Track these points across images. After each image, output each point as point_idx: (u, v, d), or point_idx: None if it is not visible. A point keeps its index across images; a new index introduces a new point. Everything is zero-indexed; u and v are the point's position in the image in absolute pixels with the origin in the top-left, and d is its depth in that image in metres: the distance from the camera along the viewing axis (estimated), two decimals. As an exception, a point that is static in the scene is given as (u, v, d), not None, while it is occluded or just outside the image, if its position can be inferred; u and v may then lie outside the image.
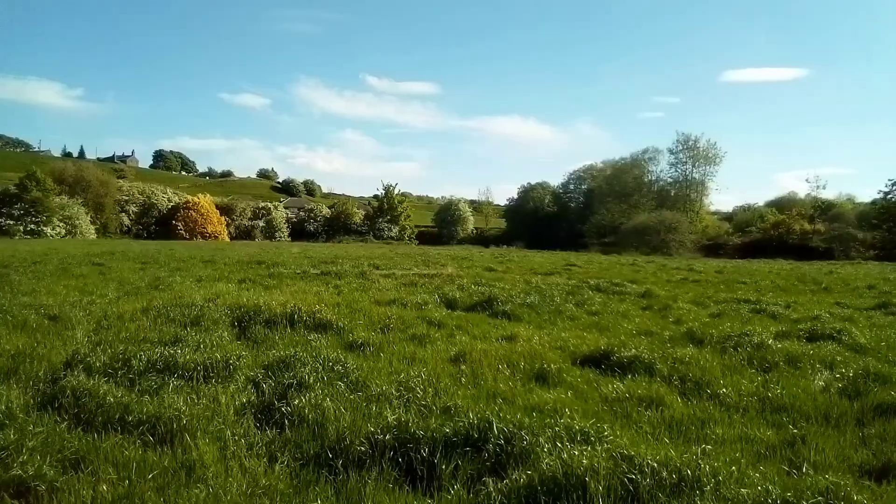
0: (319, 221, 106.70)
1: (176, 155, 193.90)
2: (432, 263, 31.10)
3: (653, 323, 12.30)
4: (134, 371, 6.37)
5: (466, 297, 14.67)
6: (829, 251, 74.62)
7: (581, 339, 9.68)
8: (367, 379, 6.48)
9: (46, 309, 10.99)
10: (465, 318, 12.06)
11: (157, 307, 11.28)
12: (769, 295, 19.27)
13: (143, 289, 15.63)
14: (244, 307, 10.81)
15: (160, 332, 8.97)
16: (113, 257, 28.85)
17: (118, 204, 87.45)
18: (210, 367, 6.59)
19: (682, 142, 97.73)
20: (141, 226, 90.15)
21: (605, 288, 18.87)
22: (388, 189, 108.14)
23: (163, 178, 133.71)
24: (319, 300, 12.48)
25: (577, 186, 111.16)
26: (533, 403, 6.03)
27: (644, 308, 14.76)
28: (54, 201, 72.58)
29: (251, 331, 9.43)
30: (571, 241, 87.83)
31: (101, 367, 6.49)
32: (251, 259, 29.95)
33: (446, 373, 7.16)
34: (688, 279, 25.57)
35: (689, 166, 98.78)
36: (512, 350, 8.61)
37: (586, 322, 12.12)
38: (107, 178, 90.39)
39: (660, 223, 78.93)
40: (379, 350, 8.50)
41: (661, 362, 7.82)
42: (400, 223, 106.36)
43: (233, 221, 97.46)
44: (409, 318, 11.31)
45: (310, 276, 20.61)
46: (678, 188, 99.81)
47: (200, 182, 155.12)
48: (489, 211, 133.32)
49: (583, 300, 14.77)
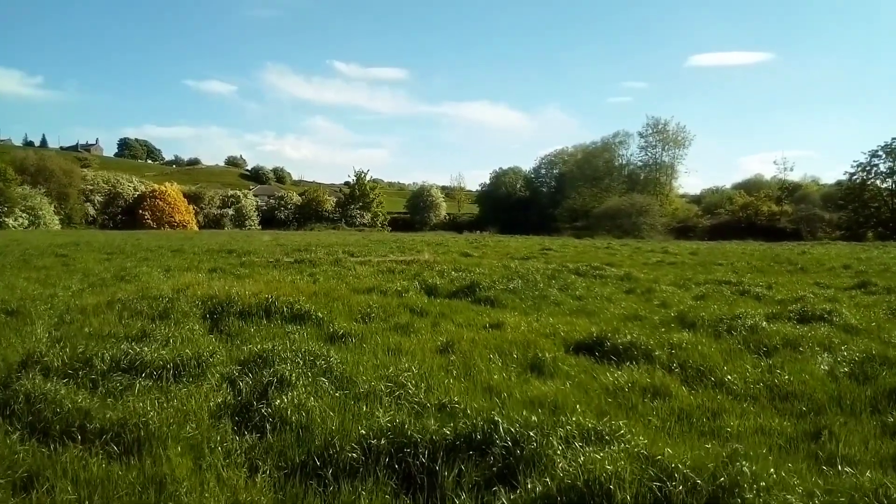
0: (290, 209, 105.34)
1: (142, 143, 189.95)
2: (408, 250, 30.63)
3: (639, 307, 11.99)
4: (97, 371, 5.81)
5: (447, 283, 14.24)
6: (796, 232, 75.80)
7: (571, 325, 9.31)
8: (353, 374, 6.02)
9: (4, 304, 10.32)
10: (448, 305, 11.65)
11: (122, 300, 10.65)
12: (748, 276, 19.16)
13: (109, 280, 14.94)
14: (216, 298, 10.24)
15: (126, 326, 8.39)
16: (77, 248, 27.88)
17: (83, 193, 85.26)
18: (180, 364, 6.06)
19: (652, 125, 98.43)
20: (107, 216, 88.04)
21: (585, 272, 18.60)
22: (360, 176, 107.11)
23: (128, 167, 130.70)
24: (295, 289, 11.94)
25: (548, 171, 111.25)
26: (532, 397, 5.62)
27: (627, 291, 14.48)
28: (16, 192, 70.40)
29: (224, 323, 8.89)
30: (543, 225, 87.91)
31: (61, 368, 5.90)
32: (221, 248, 29.18)
33: (436, 364, 6.73)
34: (664, 262, 25.45)
35: (659, 150, 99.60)
36: (501, 338, 8.22)
37: (572, 307, 11.78)
38: (70, 167, 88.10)
39: (631, 206, 79.39)
40: (362, 341, 8.04)
41: (658, 348, 7.48)
42: (372, 210, 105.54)
43: (201, 210, 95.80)
44: (391, 306, 10.85)
45: (283, 265, 20.01)
46: (648, 171, 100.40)
47: (167, 170, 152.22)
48: (461, 197, 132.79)
49: (566, 284, 14.43)
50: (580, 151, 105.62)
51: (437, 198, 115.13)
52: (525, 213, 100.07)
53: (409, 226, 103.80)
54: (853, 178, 78.60)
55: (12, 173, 72.43)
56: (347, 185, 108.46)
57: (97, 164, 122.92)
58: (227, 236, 49.99)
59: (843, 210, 78.54)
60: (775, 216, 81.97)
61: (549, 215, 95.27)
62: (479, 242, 41.00)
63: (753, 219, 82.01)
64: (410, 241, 40.69)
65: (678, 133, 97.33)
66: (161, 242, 34.48)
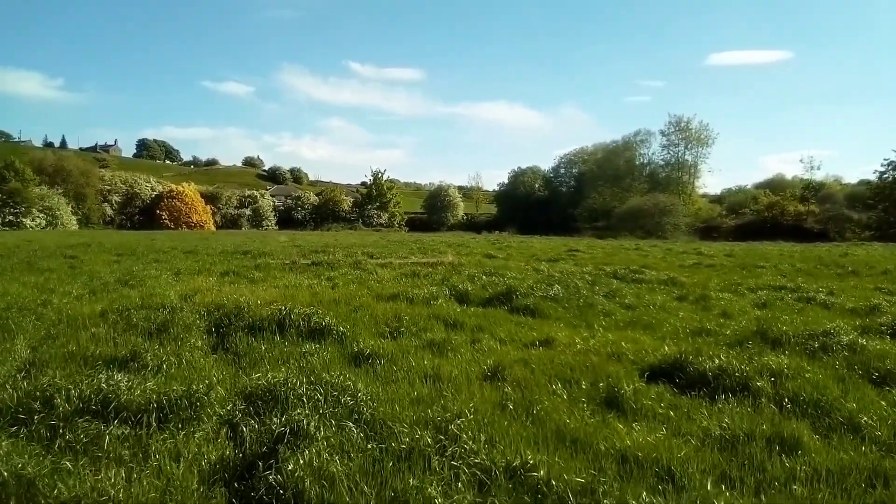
0: (307, 209, 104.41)
1: (160, 144, 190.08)
2: (429, 251, 29.35)
3: (700, 317, 10.62)
4: (58, 415, 4.53)
5: (479, 289, 12.92)
6: (823, 232, 73.50)
7: (635, 342, 7.95)
8: (387, 417, 4.73)
9: (-14, 315, 9.15)
10: (484, 315, 10.33)
11: (119, 309, 9.47)
12: (798, 280, 17.70)
13: (112, 285, 13.76)
14: (223, 308, 9.02)
15: (115, 344, 7.17)
16: (88, 249, 26.85)
17: (100, 194, 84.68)
18: (167, 404, 4.77)
19: (675, 123, 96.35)
20: (124, 216, 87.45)
21: (624, 275, 17.21)
22: (377, 175, 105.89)
23: (146, 168, 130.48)
24: (313, 296, 10.75)
25: (567, 170, 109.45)
26: (623, 449, 4.32)
27: (678, 298, 13.09)
28: (33, 192, 69.85)
29: (231, 340, 7.63)
30: (562, 225, 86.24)
31: (13, 410, 4.66)
32: (236, 249, 28.06)
33: (488, 399, 5.44)
34: (701, 264, 23.95)
35: (682, 148, 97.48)
36: (558, 360, 6.89)
37: (625, 318, 10.41)
38: (88, 167, 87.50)
39: (654, 206, 77.50)
40: (392, 363, 6.76)
41: (756, 376, 6.10)
42: (389, 210, 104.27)
43: (218, 210, 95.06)
44: (420, 317, 9.56)
45: (300, 268, 18.79)
46: (670, 170, 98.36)
47: (185, 171, 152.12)
48: (479, 197, 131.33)
49: (611, 291, 13.04)
50: (600, 150, 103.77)
51: (454, 198, 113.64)
52: (544, 214, 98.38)
53: (426, 226, 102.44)
54: (883, 177, 76.04)
55: (30, 173, 71.97)
56: (364, 185, 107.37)
57: (115, 165, 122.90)
58: (243, 237, 48.91)
59: (872, 210, 76.02)
60: (801, 216, 79.64)
61: (568, 215, 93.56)
62: (502, 243, 39.58)
63: (779, 219, 79.75)
64: (430, 242, 39.35)
65: (701, 131, 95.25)
66: (175, 243, 33.40)
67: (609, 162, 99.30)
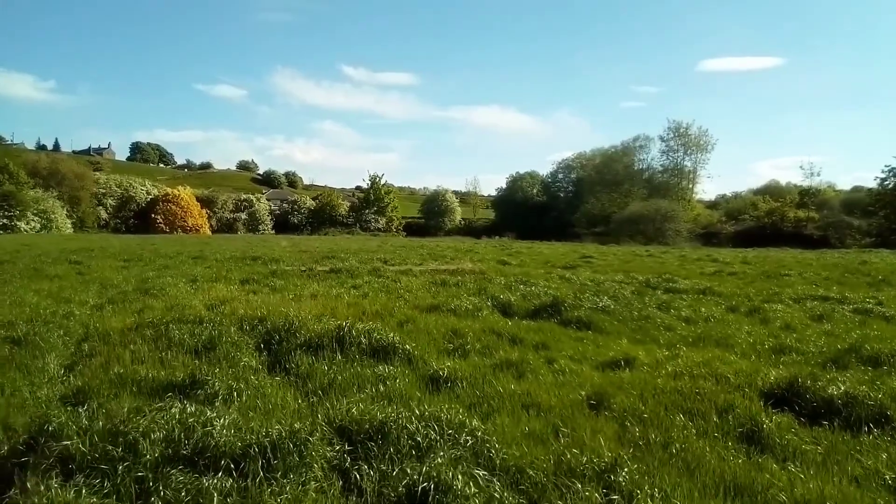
0: (304, 213, 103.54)
1: (154, 147, 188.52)
2: (439, 257, 28.69)
3: (767, 331, 10.04)
4: (144, 464, 3.80)
5: (520, 300, 12.29)
6: (824, 239, 73.15)
7: (725, 362, 7.29)
8: (519, 462, 4.08)
9: (9, 329, 8.42)
10: (538, 328, 9.70)
11: (153, 322, 8.78)
12: (833, 289, 17.15)
13: (131, 294, 13.05)
14: (268, 321, 8.35)
15: (164, 364, 6.50)
16: (91, 254, 26.05)
17: (95, 197, 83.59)
18: (272, 448, 4.02)
19: (674, 129, 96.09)
20: (119, 219, 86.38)
21: (657, 284, 16.62)
22: (375, 180, 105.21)
23: (141, 171, 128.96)
24: (357, 308, 10.08)
25: (566, 176, 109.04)
26: (799, 500, 3.67)
27: (729, 310, 12.49)
28: (28, 195, 68.71)
29: (288, 360, 6.94)
30: (561, 231, 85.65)
31: (88, 457, 3.93)
32: (244, 254, 27.31)
33: (608, 435, 4.80)
34: (723, 271, 23.37)
35: (681, 154, 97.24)
36: (656, 385, 6.25)
37: (688, 332, 9.80)
38: (83, 170, 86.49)
39: (656, 212, 77.05)
40: (473, 386, 6.13)
41: (894, 404, 5.47)
42: (387, 214, 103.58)
43: (214, 214, 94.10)
44: (474, 331, 8.93)
45: (319, 275, 18.10)
46: (669, 176, 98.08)
47: (179, 174, 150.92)
48: (476, 202, 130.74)
49: (663, 303, 12.44)
50: (599, 156, 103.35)
51: (451, 203, 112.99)
52: (542, 219, 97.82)
53: (423, 231, 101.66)
54: (884, 184, 75.82)
55: (24, 176, 70.96)
56: (359, 189, 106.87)
57: (109, 168, 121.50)
58: (243, 241, 48.00)
59: (872, 217, 75.85)
60: (801, 223, 79.39)
61: (567, 221, 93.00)
62: (510, 249, 38.91)
63: (779, 225, 79.50)
64: (437, 248, 38.64)
65: (700, 137, 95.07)
66: (178, 248, 32.57)
67: (608, 167, 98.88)
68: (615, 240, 68.04)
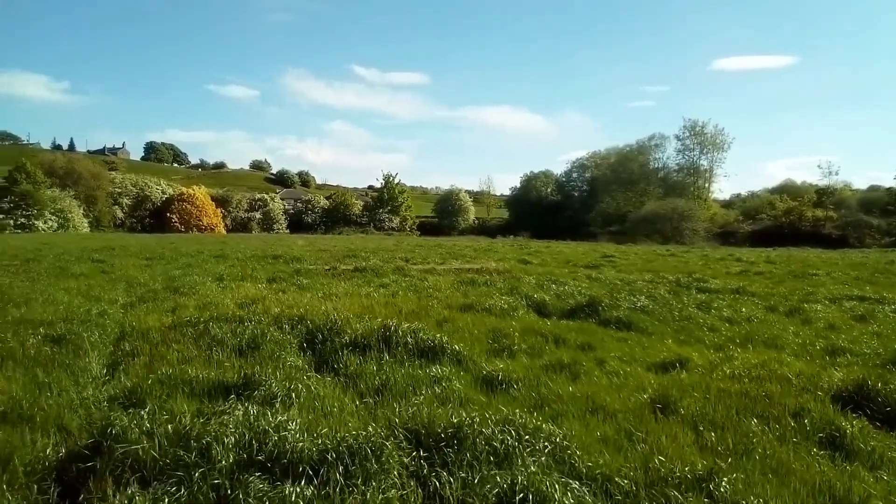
0: (317, 213, 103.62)
1: (168, 147, 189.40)
2: (459, 256, 28.51)
3: (810, 332, 9.79)
4: (220, 470, 3.63)
5: (554, 299, 12.11)
6: (843, 238, 72.36)
7: (783, 363, 7.06)
8: (606, 471, 3.89)
9: (48, 327, 8.32)
10: (578, 328, 9.52)
11: (190, 321, 8.66)
12: (867, 289, 16.83)
13: (161, 292, 12.95)
14: (310, 321, 8.21)
15: (211, 363, 6.36)
16: (112, 253, 26.08)
17: (111, 196, 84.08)
18: (349, 454, 3.82)
19: (690, 128, 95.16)
20: (135, 219, 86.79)
21: (687, 284, 16.37)
22: (388, 179, 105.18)
23: (155, 171, 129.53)
24: (392, 308, 9.92)
25: (580, 175, 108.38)
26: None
27: (768, 310, 12.24)
28: (45, 194, 69.22)
29: (336, 360, 6.79)
30: (575, 230, 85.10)
31: (159, 462, 3.77)
32: (264, 253, 27.25)
33: (682, 441, 4.59)
34: (749, 271, 23.04)
35: (697, 153, 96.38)
36: (720, 388, 6.03)
37: (733, 333, 9.57)
38: (98, 170, 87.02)
39: (672, 211, 76.43)
40: (529, 389, 5.94)
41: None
42: (401, 214, 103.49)
43: (229, 213, 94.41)
44: (515, 330, 8.74)
45: (343, 274, 17.97)
46: (685, 175, 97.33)
47: (193, 174, 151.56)
48: (490, 201, 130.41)
49: (702, 303, 12.19)
50: (613, 154, 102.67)
51: (465, 202, 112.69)
52: (556, 218, 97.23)
53: (437, 230, 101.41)
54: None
55: (41, 176, 71.44)
56: (371, 188, 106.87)
57: (124, 168, 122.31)
58: (260, 241, 47.99)
59: (892, 216, 75.04)
60: (819, 222, 78.62)
61: (581, 220, 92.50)
62: (530, 248, 38.66)
63: (797, 224, 78.74)
64: (455, 247, 38.49)
65: (717, 136, 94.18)
66: (198, 247, 32.53)
67: (623, 166, 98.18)
68: (631, 239, 67.57)
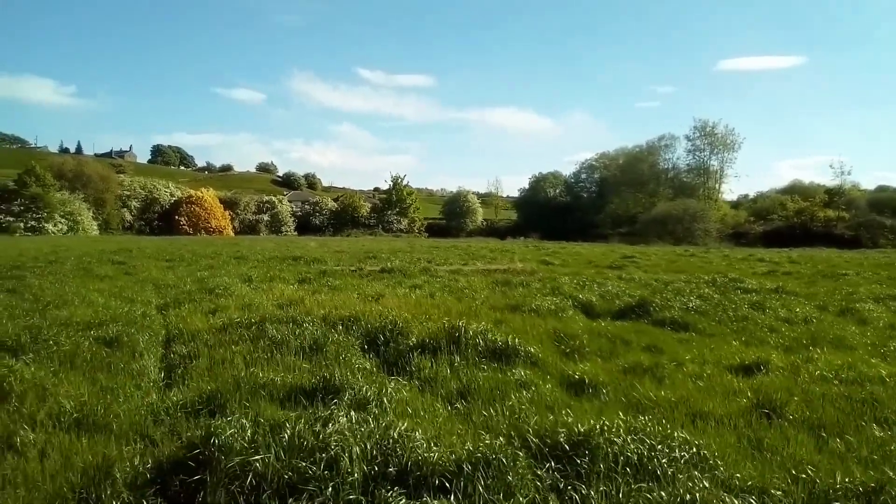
0: (325, 215, 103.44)
1: (174, 149, 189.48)
2: (480, 258, 28.24)
3: (873, 332, 9.47)
4: (351, 484, 3.30)
5: (600, 300, 11.79)
6: (856, 239, 71.83)
7: (872, 366, 6.72)
8: (752, 481, 3.58)
9: (96, 329, 8.04)
10: (636, 330, 9.21)
11: (241, 321, 8.38)
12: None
13: (195, 293, 12.64)
14: (366, 322, 7.91)
15: (281, 366, 6.07)
16: (130, 255, 25.86)
17: (119, 199, 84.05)
18: (479, 464, 3.49)
19: (700, 128, 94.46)
20: (143, 221, 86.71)
21: (723, 284, 16.01)
22: (397, 181, 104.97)
23: (162, 173, 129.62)
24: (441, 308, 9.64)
25: (589, 176, 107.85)
26: None
27: (820, 309, 11.91)
28: (55, 197, 69.18)
29: (406, 362, 6.49)
30: (584, 231, 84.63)
31: (280, 476, 3.41)
32: (284, 255, 27.01)
33: (806, 446, 4.28)
34: (776, 271, 22.70)
35: (707, 153, 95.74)
36: (816, 390, 5.73)
37: (796, 334, 9.23)
38: (107, 172, 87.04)
39: (684, 212, 75.96)
40: (618, 392, 5.65)
41: None
42: (409, 216, 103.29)
43: (237, 216, 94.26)
44: (581, 332, 8.43)
45: (371, 275, 17.70)
46: (695, 176, 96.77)
47: (200, 176, 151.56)
48: (498, 202, 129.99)
49: (756, 303, 11.86)
50: (622, 155, 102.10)
51: (473, 203, 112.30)
52: (566, 219, 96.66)
53: (445, 231, 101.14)
54: (919, 182, 74.38)
55: (51, 179, 71.38)
56: (378, 190, 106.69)
57: (132, 170, 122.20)
58: (272, 243, 47.69)
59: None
60: (832, 222, 78.11)
61: (590, 221, 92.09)
62: (547, 249, 38.30)
63: (809, 225, 78.26)
64: (470, 248, 38.16)
65: (727, 136, 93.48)
66: (213, 249, 32.25)
67: (632, 167, 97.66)
68: (643, 240, 67.11)
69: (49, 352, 6.60)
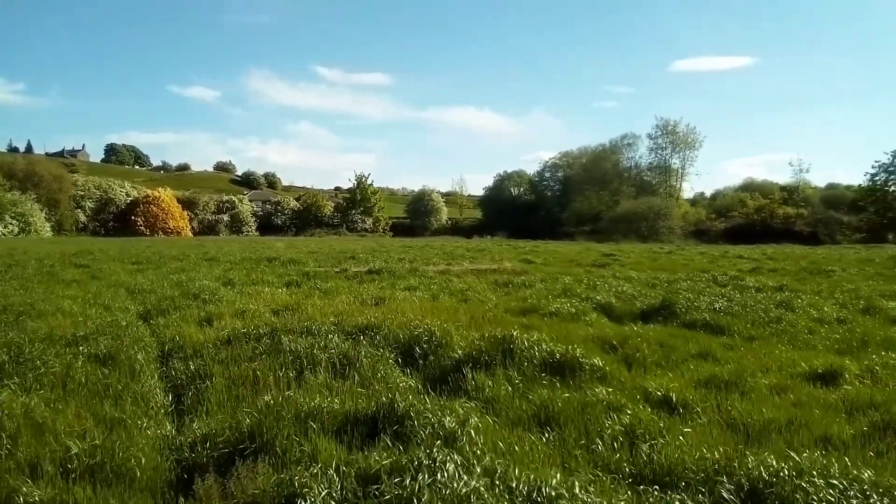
0: (287, 214, 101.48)
1: (129, 148, 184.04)
2: (459, 257, 27.49)
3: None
4: None
5: (619, 301, 11.14)
6: (814, 235, 73.28)
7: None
8: None
9: (83, 343, 7.01)
10: (670, 333, 8.56)
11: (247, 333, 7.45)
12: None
13: (178, 299, 11.56)
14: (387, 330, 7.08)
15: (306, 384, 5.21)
16: (93, 258, 24.39)
17: (73, 199, 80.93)
18: None
19: (661, 127, 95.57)
20: (98, 222, 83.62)
21: (725, 282, 15.61)
22: (361, 180, 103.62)
23: (116, 173, 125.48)
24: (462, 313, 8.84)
25: (553, 174, 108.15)
26: None
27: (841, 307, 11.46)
28: (5, 197, 66.17)
29: (455, 379, 5.65)
30: (550, 229, 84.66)
31: None
32: (256, 256, 25.83)
33: None
34: (761, 268, 22.50)
35: (669, 151, 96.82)
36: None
37: (839, 335, 8.69)
38: (60, 172, 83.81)
39: (649, 210, 76.55)
40: (712, 412, 4.95)
41: None
42: (374, 215, 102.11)
43: (196, 216, 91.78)
44: (641, 340, 7.72)
45: (358, 276, 16.81)
46: (657, 174, 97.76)
47: (156, 176, 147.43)
48: (463, 201, 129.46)
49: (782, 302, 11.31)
50: (586, 154, 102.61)
51: (437, 202, 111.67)
52: (531, 218, 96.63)
53: (410, 230, 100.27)
54: (874, 180, 76.04)
55: (0, 178, 68.35)
56: (339, 189, 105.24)
57: (85, 170, 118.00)
58: (237, 243, 46.13)
59: (861, 212, 76.15)
60: (790, 219, 79.66)
61: (556, 219, 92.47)
62: (524, 248, 37.70)
63: (768, 222, 79.74)
64: (444, 247, 37.43)
65: (688, 134, 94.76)
66: (179, 251, 30.71)
67: (596, 166, 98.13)
68: (609, 238, 67.29)
69: (37, 374, 5.58)
